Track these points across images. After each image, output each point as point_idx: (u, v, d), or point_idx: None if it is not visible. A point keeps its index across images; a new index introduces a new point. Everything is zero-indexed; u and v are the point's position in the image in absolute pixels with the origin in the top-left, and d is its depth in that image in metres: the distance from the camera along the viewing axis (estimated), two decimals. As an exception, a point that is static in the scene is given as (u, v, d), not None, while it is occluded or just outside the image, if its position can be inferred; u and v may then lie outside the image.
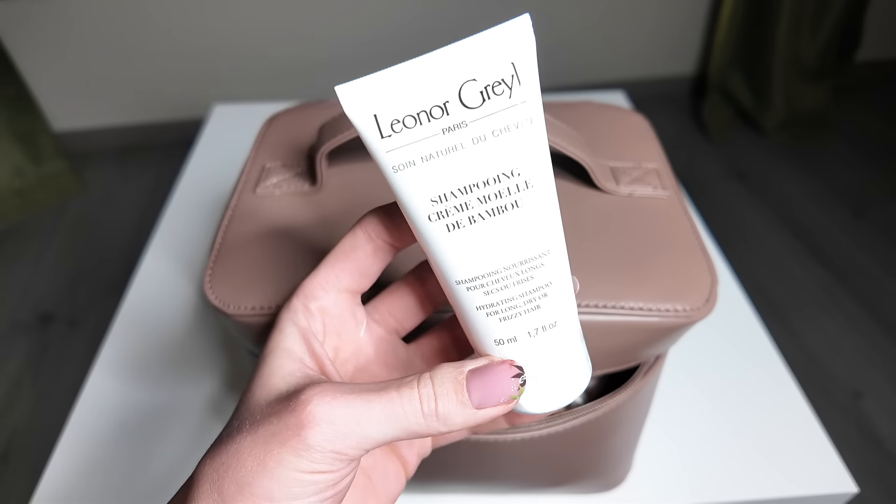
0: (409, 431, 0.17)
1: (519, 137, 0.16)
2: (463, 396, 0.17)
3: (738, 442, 0.43)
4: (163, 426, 0.44)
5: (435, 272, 0.19)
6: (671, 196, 0.33)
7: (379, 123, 0.16)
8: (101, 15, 1.54)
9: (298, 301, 0.21)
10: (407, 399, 0.17)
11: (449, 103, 0.16)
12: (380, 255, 0.21)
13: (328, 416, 0.17)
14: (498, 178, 0.16)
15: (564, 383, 0.19)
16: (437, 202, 0.17)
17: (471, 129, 0.16)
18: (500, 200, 0.17)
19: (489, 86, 0.16)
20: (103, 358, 0.49)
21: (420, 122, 0.16)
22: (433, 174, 0.16)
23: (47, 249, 1.42)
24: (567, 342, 0.19)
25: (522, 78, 0.16)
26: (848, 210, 1.47)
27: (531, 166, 0.16)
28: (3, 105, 1.47)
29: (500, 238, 0.17)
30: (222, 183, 0.66)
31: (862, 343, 1.16)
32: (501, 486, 0.36)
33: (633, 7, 1.75)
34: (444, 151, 0.16)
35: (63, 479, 0.41)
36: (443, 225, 0.17)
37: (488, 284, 0.18)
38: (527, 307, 0.18)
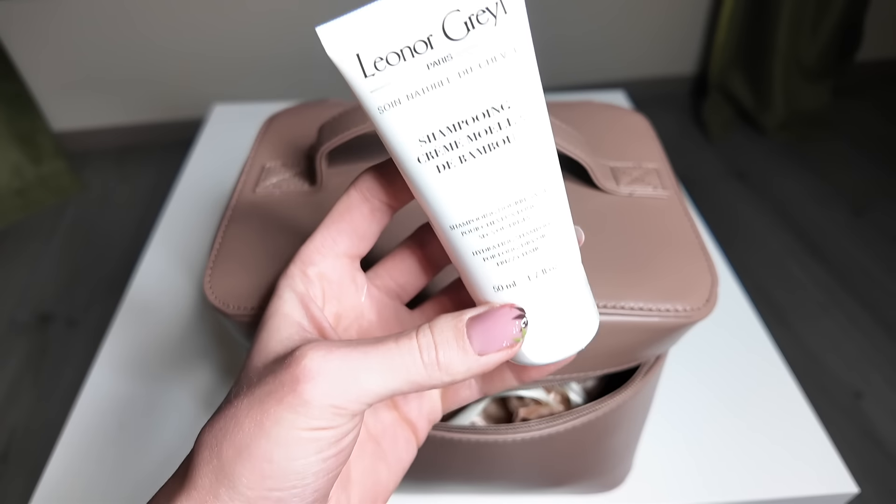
0: (411, 382, 0.17)
1: (507, 68, 0.15)
2: (464, 343, 0.17)
3: (738, 442, 0.42)
4: (163, 426, 0.44)
5: (429, 219, 0.18)
6: (671, 196, 0.33)
7: (362, 62, 0.15)
8: (101, 15, 1.54)
9: (296, 267, 0.21)
10: (406, 349, 0.17)
11: (433, 37, 0.15)
12: (377, 215, 0.20)
13: (324, 370, 0.16)
14: (487, 112, 0.16)
15: (569, 330, 0.18)
16: (425, 142, 0.16)
17: (456, 62, 0.15)
18: (490, 137, 0.16)
19: (473, 15, 0.15)
20: (103, 358, 0.49)
21: (404, 59, 0.15)
22: (420, 112, 0.16)
23: (47, 249, 1.42)
24: (569, 286, 0.18)
25: (508, 6, 0.15)
26: (848, 210, 1.47)
27: (521, 98, 0.16)
28: (3, 105, 1.47)
29: (493, 177, 0.16)
30: (222, 183, 0.66)
31: (862, 343, 1.16)
32: (501, 487, 0.36)
33: (634, 7, 1.75)
34: (429, 87, 0.15)
35: (63, 478, 0.41)
36: (433, 166, 0.16)
37: (483, 227, 0.17)
38: (524, 249, 0.17)
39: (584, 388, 0.36)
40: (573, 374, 0.30)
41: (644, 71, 1.90)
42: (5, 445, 1.03)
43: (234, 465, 0.16)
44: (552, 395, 0.34)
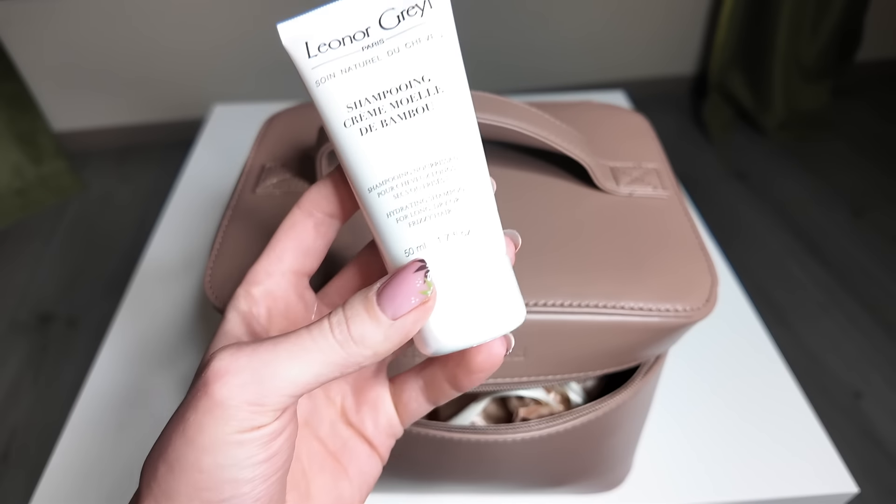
0: (330, 364, 0.16)
1: (430, 48, 0.18)
2: (374, 311, 0.17)
3: (738, 442, 0.43)
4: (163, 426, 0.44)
5: (351, 185, 0.19)
6: (671, 196, 0.33)
7: (308, 47, 0.18)
8: (101, 15, 1.54)
9: (241, 287, 0.21)
10: (317, 332, 0.16)
11: (370, 28, 0.18)
12: (321, 229, 0.21)
13: (232, 367, 0.16)
14: (409, 83, 0.18)
15: (485, 309, 0.18)
16: (352, 108, 0.18)
17: (387, 45, 0.18)
18: (411, 104, 0.18)
19: (404, 10, 0.18)
20: (103, 357, 0.49)
21: (343, 44, 0.18)
22: (350, 83, 0.18)
23: (47, 249, 1.42)
24: (483, 257, 0.18)
25: (434, 1, 0.18)
26: (848, 210, 1.47)
27: (441, 73, 0.18)
28: (4, 105, 1.47)
29: (411, 140, 0.18)
30: (222, 183, 0.66)
31: (862, 343, 1.16)
32: (501, 487, 0.36)
33: (634, 7, 1.75)
34: (361, 64, 0.18)
35: (63, 478, 0.41)
36: (356, 129, 0.18)
37: (398, 187, 0.18)
38: (437, 210, 0.18)
39: (583, 388, 0.36)
40: (573, 374, 0.30)
41: (644, 71, 1.90)
42: (6, 445, 1.03)
43: (169, 481, 0.16)
44: (552, 394, 0.34)
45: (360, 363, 0.17)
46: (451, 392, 0.21)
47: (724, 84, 1.78)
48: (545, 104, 0.40)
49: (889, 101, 1.86)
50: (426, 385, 0.21)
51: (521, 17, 1.71)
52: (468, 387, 0.20)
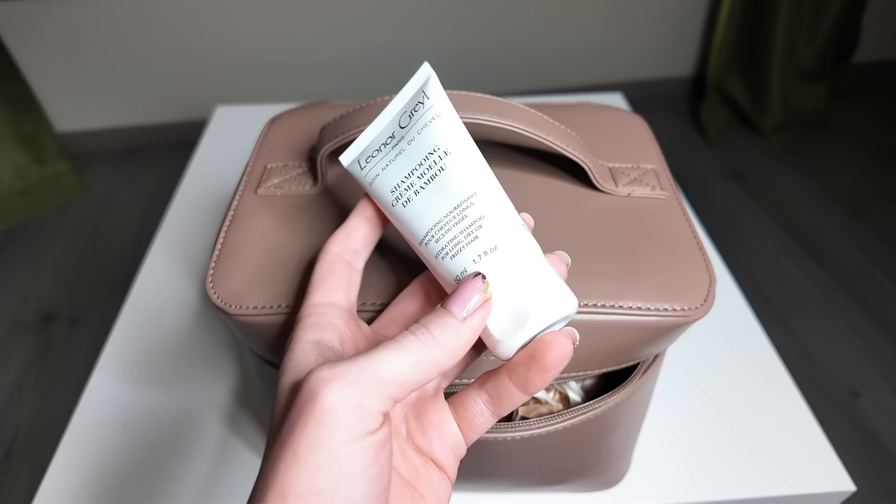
0: (419, 363, 0.18)
1: (434, 126, 0.23)
2: (448, 315, 0.20)
3: (736, 441, 0.43)
4: (165, 426, 0.44)
5: (410, 245, 0.24)
6: (669, 196, 0.33)
7: (360, 163, 0.24)
8: (104, 17, 1.54)
9: (302, 321, 0.22)
10: (402, 339, 0.19)
11: (394, 132, 0.24)
12: (357, 264, 0.25)
13: (336, 374, 0.17)
14: (426, 157, 0.23)
15: (534, 303, 0.21)
16: (394, 191, 0.23)
17: (406, 137, 0.23)
18: (431, 171, 0.22)
19: (412, 109, 0.23)
20: (106, 358, 0.49)
21: (380, 151, 0.24)
22: (389, 175, 0.23)
23: (50, 249, 1.43)
24: (516, 262, 0.22)
25: (430, 94, 0.23)
26: (845, 211, 1.48)
27: (447, 140, 0.22)
28: (7, 106, 1.47)
29: (437, 196, 0.22)
30: (224, 183, 0.67)
31: (859, 343, 1.16)
32: (501, 485, 0.36)
33: (632, 9, 1.75)
34: (393, 158, 0.23)
35: (66, 478, 0.42)
36: (400, 205, 0.23)
37: (436, 233, 0.22)
38: (467, 240, 0.22)
39: (582, 386, 0.36)
40: (572, 374, 0.30)
41: (642, 72, 1.90)
42: (9, 444, 1.03)
43: None
44: (551, 393, 0.34)
45: (442, 361, 0.19)
46: (521, 397, 0.22)
47: (722, 85, 1.78)
48: (544, 105, 0.40)
49: (886, 103, 1.86)
50: (492, 397, 0.22)
51: (521, 19, 1.71)
52: (541, 387, 0.21)
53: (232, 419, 0.45)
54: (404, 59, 1.71)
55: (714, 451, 0.42)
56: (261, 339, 0.29)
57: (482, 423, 0.23)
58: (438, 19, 1.67)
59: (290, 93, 1.74)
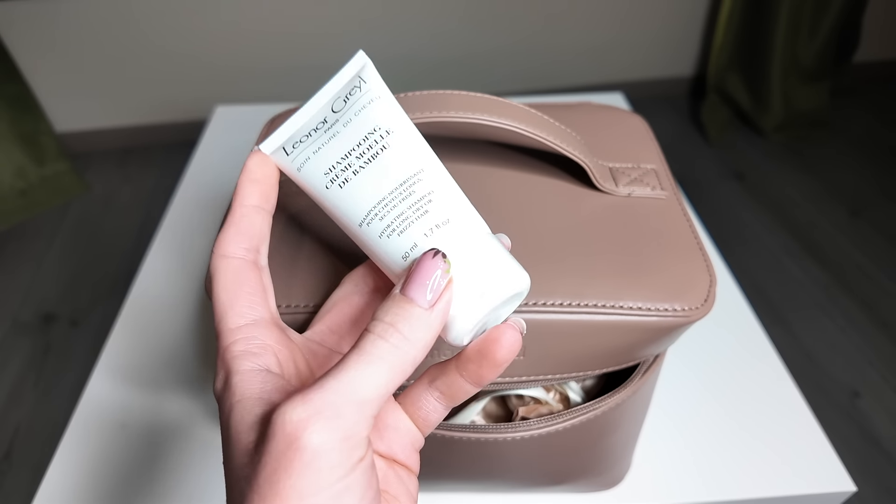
0: (394, 369, 0.17)
1: (374, 107, 0.22)
2: (413, 306, 0.17)
3: (736, 441, 0.43)
4: (164, 426, 0.44)
5: (345, 230, 0.22)
6: (670, 196, 0.33)
7: (285, 149, 0.22)
8: (103, 16, 1.54)
9: (229, 350, 0.20)
10: (370, 345, 0.17)
11: (326, 118, 0.22)
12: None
13: (311, 412, 0.15)
14: (366, 137, 0.22)
15: (487, 278, 0.20)
16: (328, 173, 0.22)
17: (341, 120, 0.22)
18: (372, 150, 0.21)
19: (347, 94, 0.22)
20: (105, 358, 0.49)
21: (310, 136, 0.22)
22: (322, 157, 0.22)
23: (50, 250, 1.43)
24: (468, 236, 0.21)
25: (366, 78, 0.22)
26: (846, 210, 1.48)
27: (387, 120, 0.22)
28: (6, 106, 1.47)
29: (380, 173, 0.21)
30: (224, 184, 0.67)
31: (860, 343, 1.16)
32: (501, 485, 0.36)
33: (632, 9, 1.75)
34: (326, 141, 0.22)
35: (65, 478, 0.42)
36: (336, 186, 0.22)
37: (381, 211, 0.21)
38: (416, 214, 0.21)
39: (583, 387, 0.36)
40: (572, 374, 0.30)
41: (642, 72, 1.90)
42: (8, 444, 1.03)
43: None
44: (552, 393, 0.34)
45: (417, 359, 0.17)
46: (474, 390, 0.21)
47: (723, 85, 1.78)
48: (544, 105, 0.40)
49: (887, 102, 1.86)
50: (444, 394, 0.22)
51: (521, 19, 1.71)
52: (491, 378, 0.20)
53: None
54: (404, 59, 1.71)
55: (714, 451, 0.42)
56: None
57: (436, 417, 0.22)
58: (439, 19, 1.67)
59: (289, 93, 1.74)
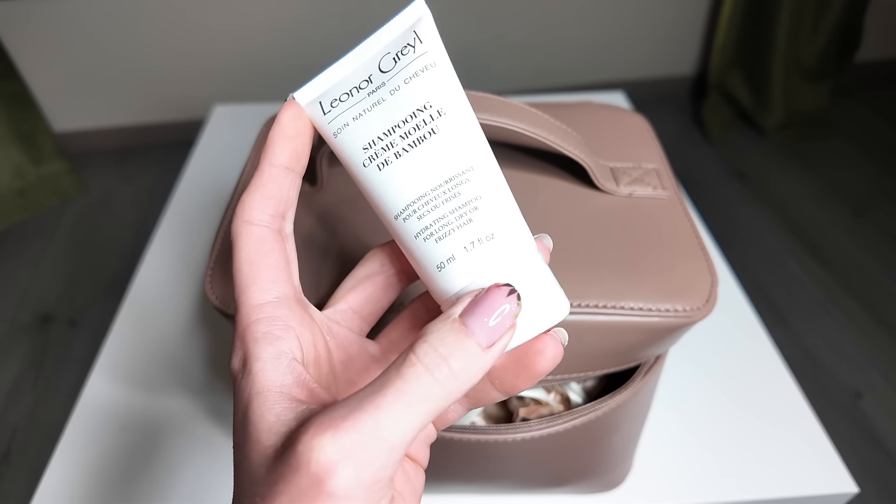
0: (432, 410, 0.15)
1: (426, 78, 0.19)
2: (470, 343, 0.16)
3: (738, 442, 0.43)
4: (163, 427, 0.44)
5: (380, 218, 0.20)
6: (671, 196, 0.33)
7: (322, 106, 0.20)
8: (101, 16, 1.54)
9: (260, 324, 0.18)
10: (415, 378, 0.15)
11: (372, 75, 0.19)
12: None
13: (341, 454, 0.14)
14: (414, 114, 0.19)
15: (528, 306, 0.18)
16: (367, 148, 0.19)
17: (388, 85, 0.19)
18: (419, 132, 0.19)
19: (398, 51, 0.19)
20: (104, 358, 0.49)
21: (352, 95, 0.19)
22: (362, 127, 0.19)
23: (48, 250, 1.42)
24: (513, 257, 0.19)
25: (423, 37, 0.19)
26: (848, 210, 1.47)
27: (441, 98, 0.19)
28: (4, 105, 1.47)
29: (424, 163, 0.19)
30: (222, 183, 0.66)
31: (862, 343, 1.16)
32: (502, 486, 0.36)
33: (633, 8, 1.75)
34: (370, 108, 0.19)
35: (64, 479, 0.41)
36: (374, 167, 0.19)
37: (420, 208, 0.19)
38: (459, 222, 0.19)
39: (583, 387, 0.36)
40: (573, 374, 0.30)
41: (644, 72, 1.90)
42: (6, 445, 1.03)
43: None
44: (552, 394, 0.34)
45: (457, 398, 0.16)
46: (501, 397, 0.20)
47: (724, 84, 1.78)
48: (545, 104, 0.40)
49: (889, 101, 1.86)
50: (468, 397, 0.20)
51: (521, 18, 1.71)
52: (524, 389, 0.19)
53: (229, 420, 0.44)
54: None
55: (716, 452, 0.42)
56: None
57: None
58: (439, 19, 1.66)
59: (288, 92, 1.73)
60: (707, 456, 0.42)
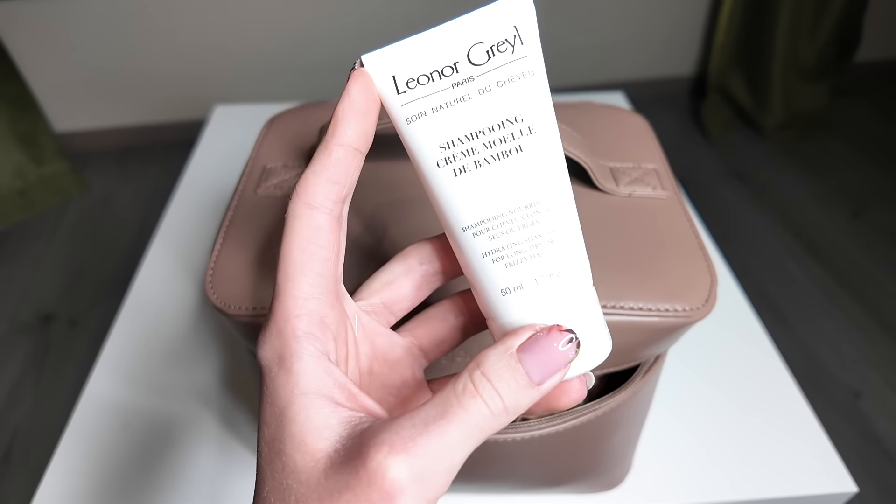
0: (483, 438, 0.16)
1: (521, 87, 0.17)
2: (523, 379, 0.16)
3: (737, 442, 0.43)
4: (164, 427, 0.44)
5: (442, 223, 0.19)
6: (671, 196, 0.33)
7: (396, 82, 0.17)
8: (102, 16, 1.54)
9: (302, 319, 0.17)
10: (475, 410, 0.16)
11: (459, 63, 0.17)
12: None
13: (413, 473, 0.15)
14: (502, 124, 0.17)
15: (585, 348, 0.18)
16: (445, 148, 0.18)
17: (477, 82, 0.17)
18: (504, 145, 0.17)
19: (494, 45, 0.17)
20: (104, 358, 0.49)
21: (432, 80, 0.17)
22: (442, 122, 0.17)
23: (49, 250, 1.42)
24: (577, 295, 0.18)
25: (524, 37, 0.17)
26: (847, 210, 1.47)
27: (533, 113, 0.17)
28: (5, 106, 1.47)
29: (506, 181, 0.18)
30: (223, 183, 0.67)
31: (861, 343, 1.16)
32: (502, 486, 0.36)
33: (633, 8, 1.75)
34: (452, 102, 0.17)
35: (64, 479, 0.41)
36: (450, 170, 0.18)
37: (494, 228, 0.18)
38: (533, 252, 0.18)
39: (583, 387, 0.36)
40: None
41: (643, 72, 1.90)
42: (7, 445, 1.03)
43: None
44: (552, 394, 0.34)
45: (501, 428, 0.17)
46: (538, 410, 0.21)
47: (724, 84, 1.78)
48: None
49: (888, 102, 1.86)
50: None
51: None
52: (538, 416, 0.20)
53: (230, 420, 0.45)
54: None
55: (715, 452, 0.42)
56: (259, 340, 0.29)
57: None
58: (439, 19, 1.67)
59: (289, 92, 1.74)
60: (707, 456, 0.42)
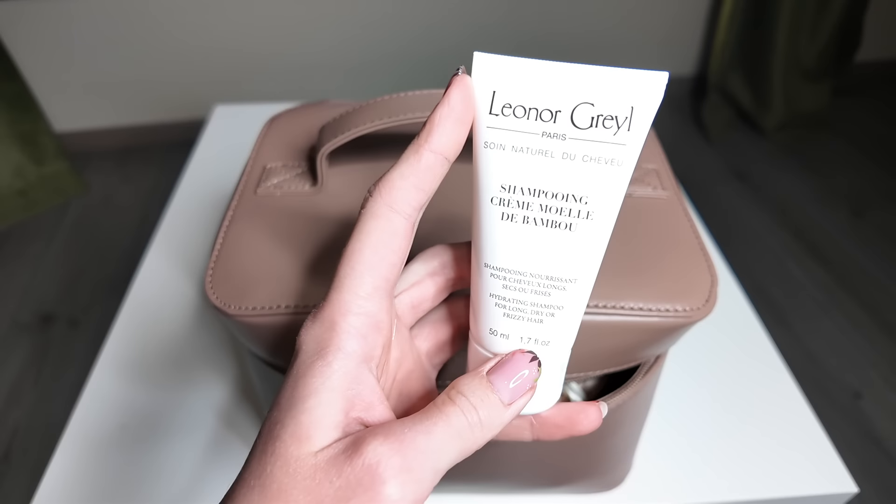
0: (464, 449, 0.17)
1: (604, 173, 0.17)
2: (495, 398, 0.18)
3: (737, 442, 0.43)
4: (164, 427, 0.44)
5: (473, 249, 0.20)
6: (671, 196, 0.33)
7: (493, 100, 0.17)
8: (102, 16, 1.54)
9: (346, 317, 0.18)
10: (455, 416, 0.17)
11: (560, 114, 0.17)
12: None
13: (405, 466, 0.16)
14: (567, 196, 0.17)
15: (538, 394, 0.20)
16: (504, 190, 0.17)
17: (567, 145, 0.17)
18: (558, 216, 0.17)
19: (602, 116, 0.16)
20: (104, 358, 0.49)
21: (527, 118, 0.17)
22: (515, 165, 0.17)
23: (49, 250, 1.42)
24: (554, 362, 0.20)
25: (635, 124, 0.17)
26: (847, 210, 1.47)
27: (601, 202, 0.17)
28: (5, 105, 1.47)
29: (542, 248, 0.18)
30: (223, 183, 0.67)
31: (862, 343, 1.16)
32: (501, 486, 0.36)
33: (633, 8, 1.75)
34: (534, 151, 0.17)
35: (64, 479, 0.41)
36: (499, 211, 0.18)
37: (510, 280, 0.18)
38: (533, 317, 0.19)
39: (583, 387, 0.36)
40: (573, 374, 0.30)
41: (644, 71, 1.90)
42: (7, 445, 1.03)
43: None
44: (552, 394, 0.34)
45: (480, 445, 0.18)
46: (527, 437, 0.23)
47: (724, 84, 1.78)
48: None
49: (889, 102, 1.86)
50: None
51: (520, 18, 1.71)
52: (555, 439, 0.22)
53: (230, 420, 0.45)
54: (404, 58, 1.71)
55: (716, 452, 0.42)
56: (260, 341, 0.29)
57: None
58: (438, 19, 1.67)
59: (289, 92, 1.74)
60: (707, 456, 0.42)
